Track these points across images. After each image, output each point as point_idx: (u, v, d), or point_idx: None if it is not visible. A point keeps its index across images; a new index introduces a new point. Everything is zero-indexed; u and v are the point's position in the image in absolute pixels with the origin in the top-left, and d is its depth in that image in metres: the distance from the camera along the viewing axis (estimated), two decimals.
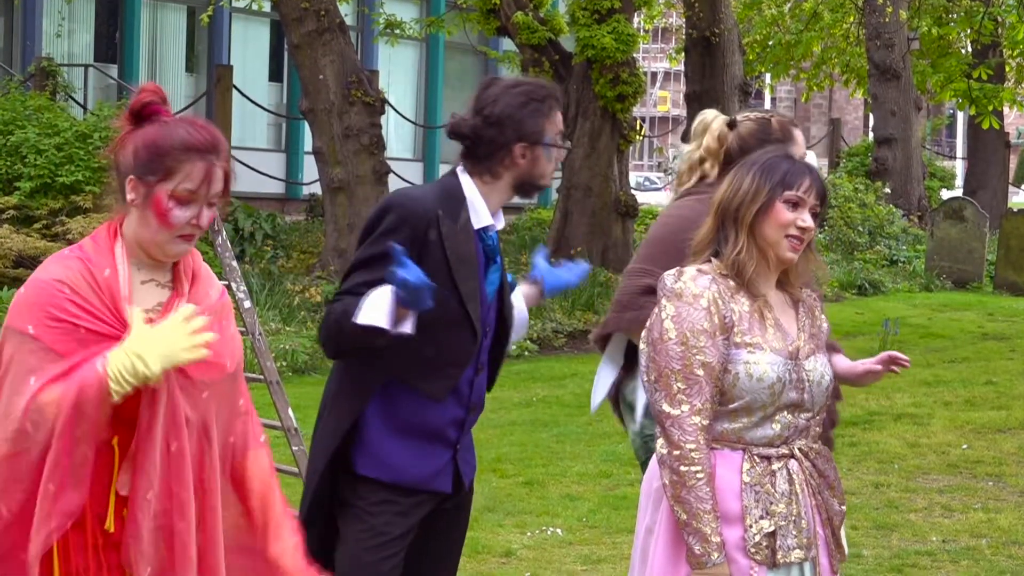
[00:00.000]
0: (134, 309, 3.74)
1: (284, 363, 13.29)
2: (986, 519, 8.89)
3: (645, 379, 4.15)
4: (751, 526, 4.07)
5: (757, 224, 4.17)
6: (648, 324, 4.18)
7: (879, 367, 4.71)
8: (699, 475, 4.04)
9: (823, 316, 4.40)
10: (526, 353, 14.91)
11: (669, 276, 4.18)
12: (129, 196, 3.77)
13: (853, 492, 9.48)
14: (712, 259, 4.22)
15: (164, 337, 3.66)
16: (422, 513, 4.73)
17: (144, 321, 3.73)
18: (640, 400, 5.31)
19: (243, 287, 7.54)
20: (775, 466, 4.14)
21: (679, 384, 4.07)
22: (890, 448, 10.65)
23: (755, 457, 4.13)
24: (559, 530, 8.49)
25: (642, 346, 4.19)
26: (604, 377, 5.45)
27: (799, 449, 4.20)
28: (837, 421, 5.41)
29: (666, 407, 4.08)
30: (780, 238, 4.17)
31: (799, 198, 4.18)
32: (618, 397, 5.49)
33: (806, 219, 4.18)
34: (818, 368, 4.24)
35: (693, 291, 4.12)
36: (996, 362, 14.69)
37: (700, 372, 4.07)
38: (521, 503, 9.09)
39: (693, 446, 4.05)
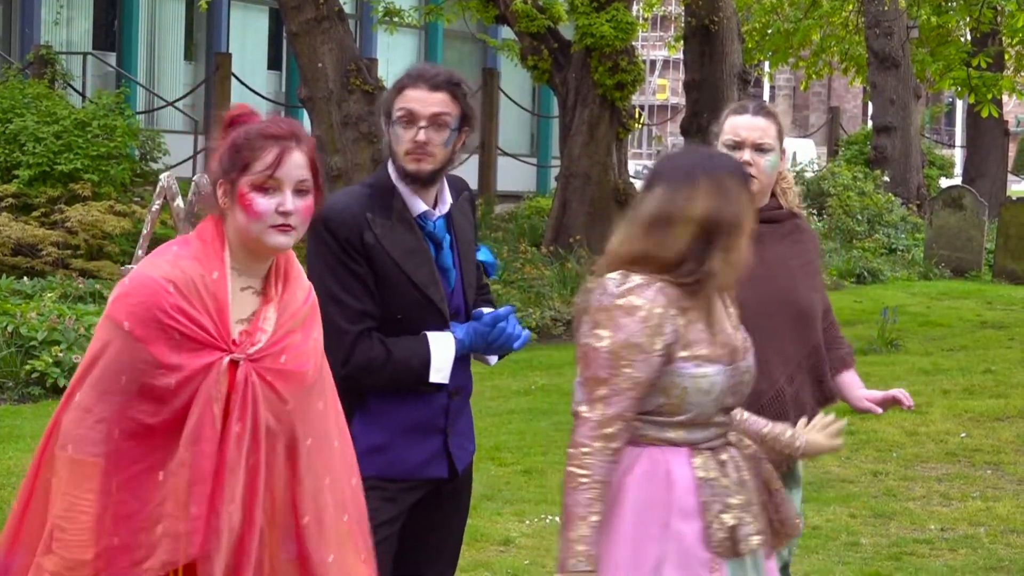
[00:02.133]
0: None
1: None
2: (984, 507, 8.90)
3: (577, 376, 4.08)
4: (712, 522, 4.01)
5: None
6: (585, 327, 4.03)
7: (879, 410, 4.70)
8: (583, 480, 3.99)
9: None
10: None
11: (612, 281, 4.01)
12: (221, 200, 3.81)
13: (851, 480, 9.49)
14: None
15: None
16: (413, 499, 4.72)
17: (238, 334, 3.75)
18: None
19: None
20: (722, 456, 4.08)
21: (601, 391, 3.97)
22: (888, 436, 10.65)
23: (703, 450, 4.06)
24: (558, 518, 8.48)
25: (578, 344, 4.09)
26: None
27: (732, 438, 4.16)
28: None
29: (583, 408, 4.01)
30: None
31: None
32: None
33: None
34: (751, 368, 4.15)
35: (634, 302, 3.95)
36: (995, 351, 14.70)
37: (625, 385, 3.96)
38: (520, 491, 9.10)
39: (587, 450, 4.00)
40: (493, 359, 4.90)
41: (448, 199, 4.74)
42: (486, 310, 4.80)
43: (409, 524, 4.77)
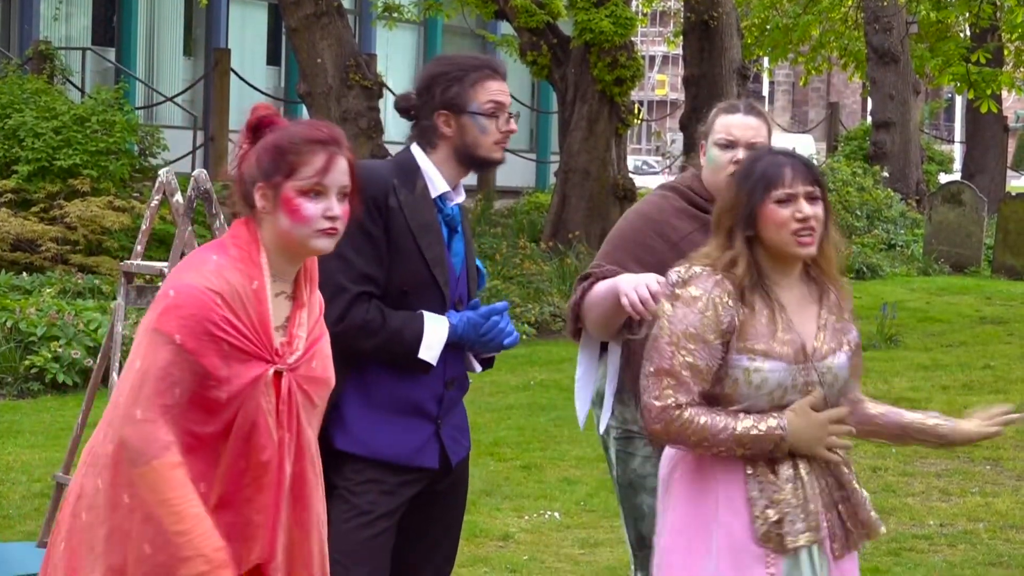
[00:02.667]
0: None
1: None
2: (983, 503, 8.90)
3: (643, 371, 4.18)
4: (757, 516, 4.09)
5: (759, 231, 4.15)
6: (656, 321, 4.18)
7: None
8: (691, 422, 4.09)
9: (850, 320, 4.34)
10: (524, 337, 14.90)
11: (674, 273, 4.17)
12: (260, 204, 3.77)
13: None
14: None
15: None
16: (410, 492, 4.72)
17: (279, 344, 3.76)
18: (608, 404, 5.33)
19: None
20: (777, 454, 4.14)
21: (667, 380, 4.10)
22: None
23: None
24: (557, 514, 8.50)
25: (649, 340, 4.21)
26: (582, 387, 5.43)
27: None
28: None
29: (652, 400, 4.11)
30: (786, 237, 4.14)
31: (788, 195, 4.14)
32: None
33: (803, 209, 4.14)
34: (833, 369, 4.21)
35: (693, 293, 4.11)
36: (994, 346, 14.70)
37: (686, 373, 4.08)
38: (519, 487, 9.10)
39: (664, 418, 4.10)
40: (478, 367, 4.91)
41: (463, 192, 4.83)
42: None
43: (406, 520, 4.77)
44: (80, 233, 15.06)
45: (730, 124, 5.15)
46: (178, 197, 7.11)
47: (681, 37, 22.24)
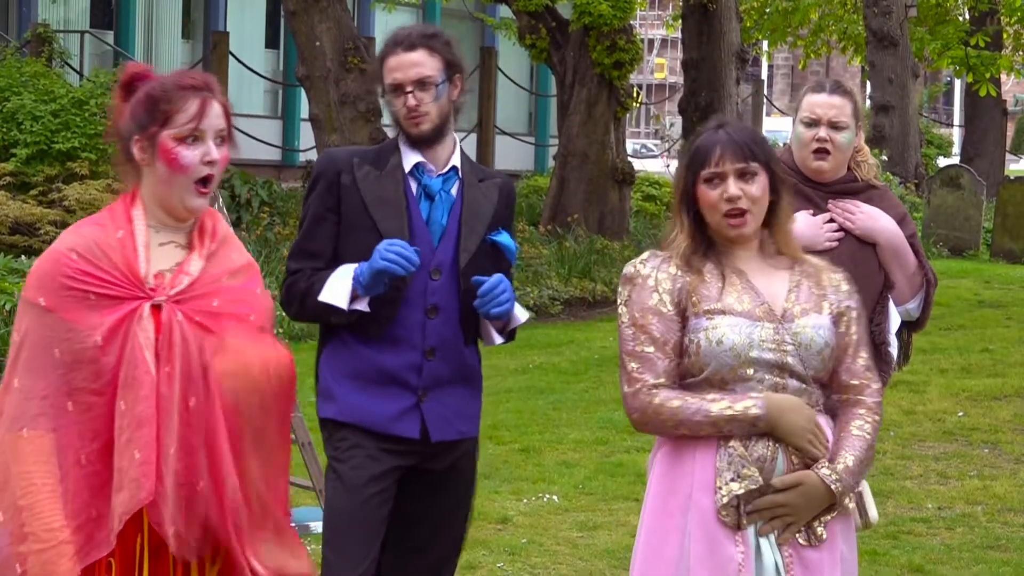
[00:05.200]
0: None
1: (280, 330, 13.29)
2: (981, 486, 8.92)
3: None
4: (720, 487, 4.03)
5: (701, 212, 4.13)
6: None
7: None
8: (663, 407, 4.06)
9: (843, 286, 4.23)
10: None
11: (628, 265, 4.19)
12: (138, 156, 3.79)
13: None
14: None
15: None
16: (395, 463, 4.71)
17: (154, 278, 3.74)
18: None
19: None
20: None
21: (632, 364, 4.09)
22: (886, 415, 10.57)
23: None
24: (555, 497, 8.51)
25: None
26: None
27: None
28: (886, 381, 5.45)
29: (625, 388, 4.12)
30: (719, 219, 4.11)
31: (714, 173, 4.09)
32: None
33: (729, 189, 4.08)
34: (808, 330, 4.10)
35: (642, 272, 4.12)
36: (992, 329, 14.71)
37: (649, 349, 4.07)
38: (517, 470, 9.11)
39: (643, 398, 4.08)
40: (496, 338, 4.90)
41: (455, 161, 4.80)
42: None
43: (407, 504, 4.78)
44: (79, 216, 15.04)
45: (814, 103, 5.35)
46: None
47: (680, 20, 22.19)
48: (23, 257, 14.15)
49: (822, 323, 4.14)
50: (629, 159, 20.00)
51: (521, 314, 4.89)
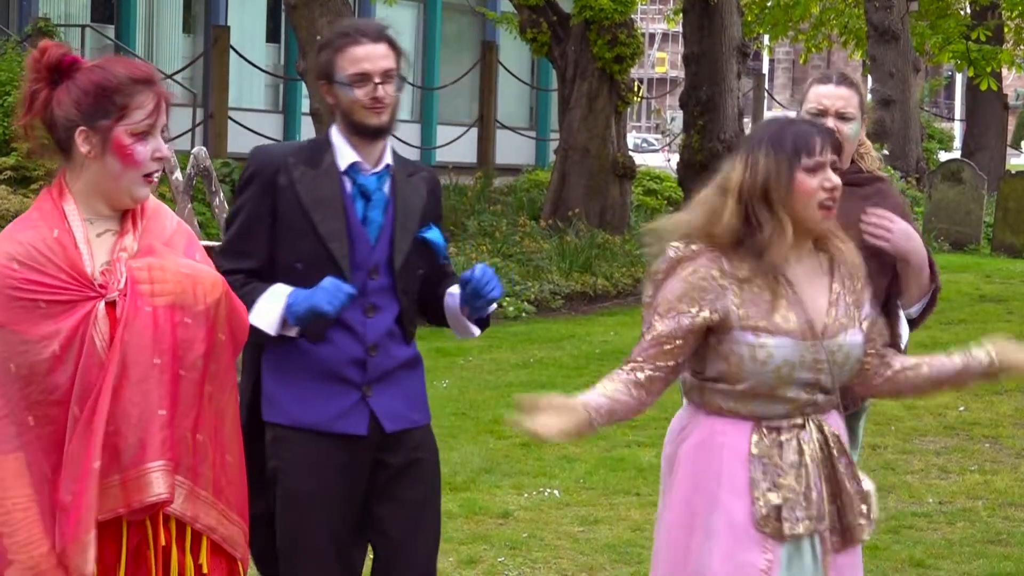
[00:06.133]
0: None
1: None
2: (982, 481, 8.91)
3: None
4: (758, 498, 4.02)
5: (789, 203, 4.03)
6: (645, 290, 4.20)
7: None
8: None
9: (862, 279, 4.23)
10: (523, 315, 14.91)
11: (673, 248, 4.10)
12: (83, 148, 3.71)
13: None
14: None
15: None
16: (340, 462, 4.65)
17: (101, 275, 3.66)
18: None
19: None
20: (783, 437, 4.08)
21: (641, 346, 4.11)
22: (887, 410, 10.66)
23: (763, 428, 4.08)
24: (556, 491, 8.51)
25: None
26: None
27: (812, 422, 4.13)
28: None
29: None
30: (812, 209, 4.04)
31: (817, 163, 4.04)
32: None
33: (831, 178, 4.05)
34: (844, 348, 4.11)
35: (686, 268, 4.06)
36: (993, 324, 14.71)
37: (648, 338, 4.08)
38: (518, 464, 9.11)
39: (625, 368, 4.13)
40: (474, 330, 4.89)
41: (388, 159, 4.76)
42: (454, 290, 4.81)
43: (375, 508, 4.72)
44: None
45: (821, 94, 5.31)
46: (177, 175, 7.11)
47: (681, 15, 22.18)
48: None
49: (857, 341, 4.16)
50: (630, 153, 20.00)
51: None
